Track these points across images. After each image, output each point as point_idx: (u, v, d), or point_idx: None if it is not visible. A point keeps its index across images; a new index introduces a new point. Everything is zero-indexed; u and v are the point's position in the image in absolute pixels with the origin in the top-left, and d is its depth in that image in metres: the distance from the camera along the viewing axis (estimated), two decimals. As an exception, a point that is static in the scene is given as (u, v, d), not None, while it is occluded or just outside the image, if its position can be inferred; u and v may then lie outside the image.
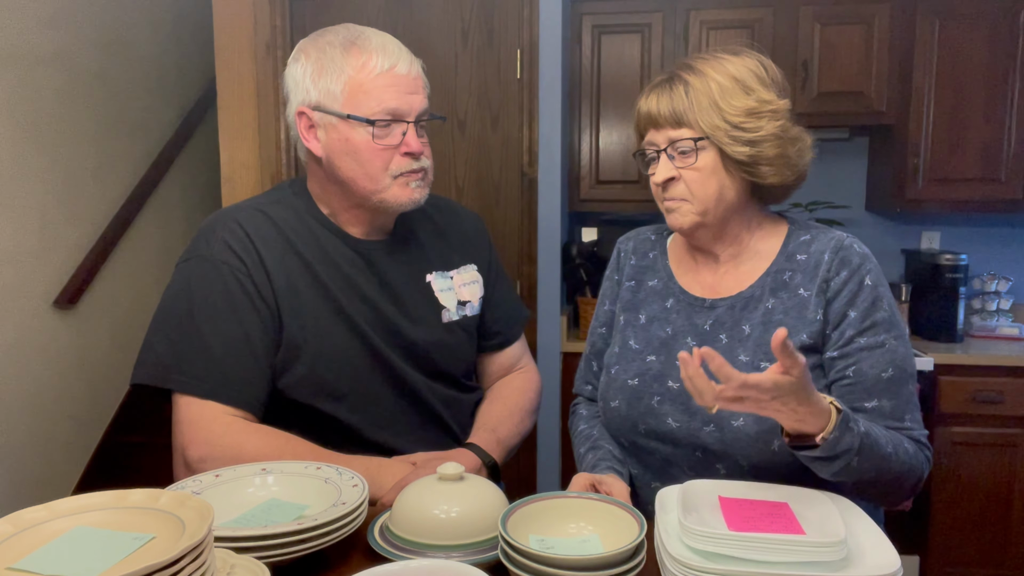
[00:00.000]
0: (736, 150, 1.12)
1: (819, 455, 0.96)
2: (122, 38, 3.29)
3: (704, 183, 1.15)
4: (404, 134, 1.21)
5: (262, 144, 2.83)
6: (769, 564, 0.83)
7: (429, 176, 1.27)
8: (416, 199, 1.25)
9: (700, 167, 1.14)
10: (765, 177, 1.15)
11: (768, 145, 1.13)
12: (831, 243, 1.17)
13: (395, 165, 1.22)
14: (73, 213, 3.02)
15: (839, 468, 0.98)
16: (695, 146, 1.14)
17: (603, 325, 1.37)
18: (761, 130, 1.12)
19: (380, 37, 1.23)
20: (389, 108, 1.19)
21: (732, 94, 1.13)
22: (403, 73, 1.21)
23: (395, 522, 0.98)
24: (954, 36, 2.77)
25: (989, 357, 2.69)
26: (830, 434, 0.94)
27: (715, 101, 1.12)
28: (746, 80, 1.14)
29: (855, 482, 1.02)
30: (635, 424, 1.21)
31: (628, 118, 2.98)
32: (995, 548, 2.71)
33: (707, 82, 1.13)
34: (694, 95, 1.13)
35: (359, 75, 1.19)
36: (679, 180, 1.16)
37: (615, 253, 1.39)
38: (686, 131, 1.14)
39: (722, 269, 1.24)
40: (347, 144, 1.21)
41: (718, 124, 1.12)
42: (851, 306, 1.12)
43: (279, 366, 1.22)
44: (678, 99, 1.14)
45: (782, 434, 1.00)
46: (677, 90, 1.15)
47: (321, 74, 1.21)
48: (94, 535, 0.74)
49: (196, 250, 1.24)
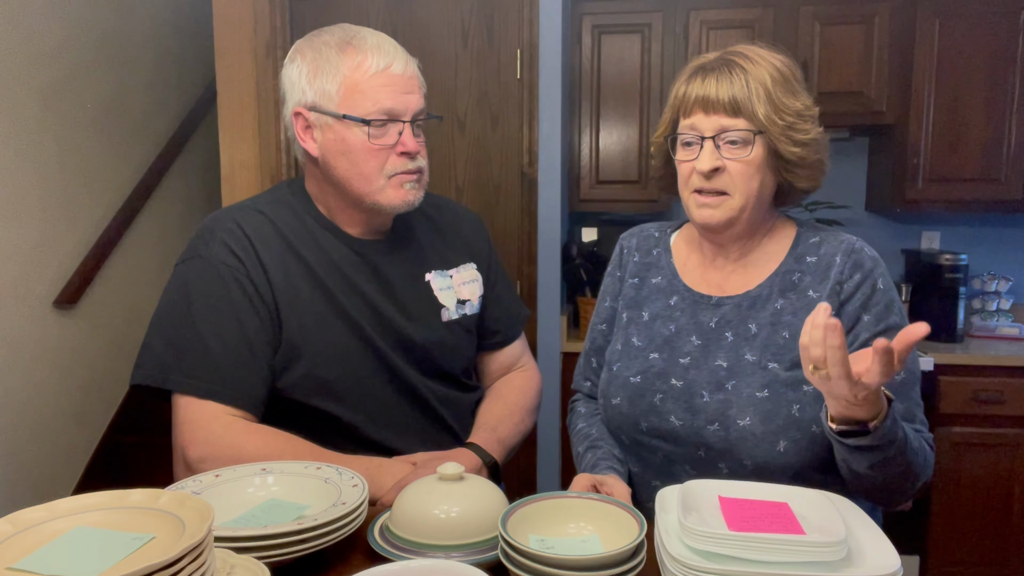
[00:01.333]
0: (789, 149, 1.11)
1: (869, 443, 0.96)
2: (122, 38, 3.29)
3: (750, 177, 1.12)
4: (400, 134, 1.21)
5: (262, 144, 2.83)
6: (769, 564, 0.83)
7: (425, 177, 1.27)
8: (410, 200, 1.25)
9: (751, 160, 1.11)
10: (800, 180, 1.15)
11: (811, 149, 1.13)
12: (842, 246, 1.17)
13: (390, 165, 1.22)
14: (73, 213, 3.02)
15: (879, 459, 0.98)
16: (752, 138, 1.11)
17: (603, 322, 1.37)
18: (808, 133, 1.13)
19: (376, 37, 1.22)
20: (385, 108, 1.19)
21: (783, 91, 1.12)
22: (399, 73, 1.20)
23: (395, 522, 0.98)
24: (954, 36, 2.77)
25: (989, 357, 2.69)
26: (882, 422, 0.94)
27: (772, 95, 1.10)
28: (790, 80, 1.13)
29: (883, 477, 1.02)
30: (637, 422, 1.21)
31: (628, 118, 2.99)
32: (995, 548, 2.71)
33: (763, 72, 1.11)
34: (754, 84, 1.10)
35: (354, 75, 1.19)
36: (723, 171, 1.12)
37: (617, 250, 1.38)
38: (742, 121, 1.10)
39: (730, 267, 1.24)
40: (342, 144, 1.21)
41: (775, 120, 1.10)
42: (865, 310, 1.13)
43: (278, 366, 1.22)
44: (739, 86, 1.10)
45: (827, 419, 0.99)
46: (737, 76, 1.10)
47: (317, 74, 1.21)
48: (94, 535, 0.74)
49: (195, 251, 1.24)
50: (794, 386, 1.12)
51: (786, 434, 1.10)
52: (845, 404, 0.94)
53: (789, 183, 1.17)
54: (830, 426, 0.99)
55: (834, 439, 1.00)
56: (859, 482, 1.05)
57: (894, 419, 0.96)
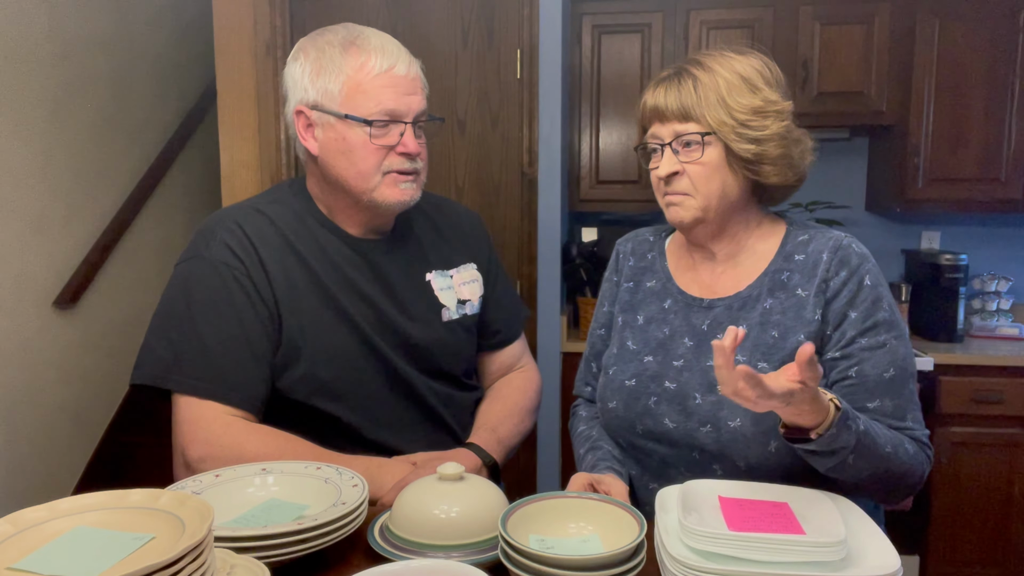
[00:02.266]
0: (742, 147, 1.13)
1: (814, 449, 0.97)
2: (122, 38, 3.29)
3: (708, 178, 1.15)
4: (401, 135, 1.21)
5: (262, 144, 2.83)
6: (769, 564, 0.83)
7: (422, 177, 1.27)
8: (405, 200, 1.25)
9: (705, 162, 1.14)
10: (768, 176, 1.16)
11: (773, 145, 1.14)
12: (829, 243, 1.17)
13: (387, 163, 1.22)
14: (73, 213, 3.02)
15: (834, 464, 0.99)
16: (702, 140, 1.14)
17: (602, 327, 1.37)
18: (767, 129, 1.13)
19: (379, 37, 1.23)
20: (387, 109, 1.19)
21: (739, 92, 1.13)
22: (402, 74, 1.21)
23: (395, 522, 0.98)
24: (954, 36, 2.77)
25: (989, 357, 2.69)
26: (826, 431, 0.95)
27: (723, 97, 1.13)
28: (752, 79, 1.15)
29: (852, 479, 1.03)
30: (632, 425, 1.21)
31: (628, 118, 2.99)
32: (995, 548, 2.71)
33: (715, 78, 1.14)
34: (702, 90, 1.13)
35: (358, 75, 1.19)
36: (683, 174, 1.16)
37: (614, 255, 1.39)
38: (693, 125, 1.14)
39: (719, 268, 1.24)
40: (343, 143, 1.21)
41: (725, 120, 1.12)
42: (851, 307, 1.12)
43: (279, 366, 1.22)
44: (686, 93, 1.14)
45: (780, 425, 1.00)
46: (685, 84, 1.15)
47: (320, 73, 1.21)
48: (94, 535, 0.74)
49: (195, 251, 1.24)
50: None
51: (777, 435, 1.10)
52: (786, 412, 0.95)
53: (761, 180, 1.17)
54: (780, 430, 1.00)
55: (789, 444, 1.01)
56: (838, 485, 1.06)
57: (843, 427, 0.96)
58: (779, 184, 1.17)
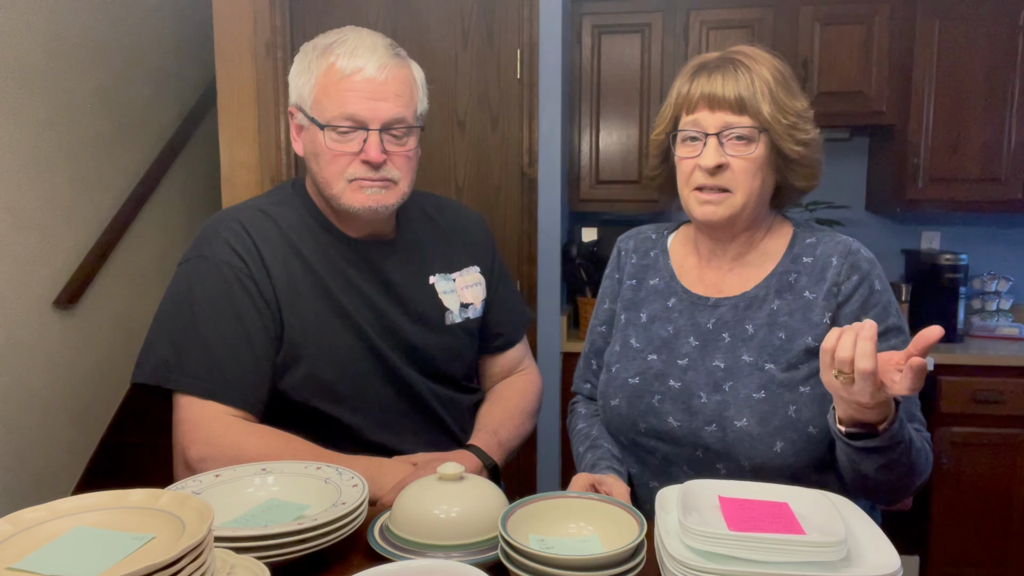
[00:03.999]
0: (791, 147, 1.13)
1: (877, 445, 0.97)
2: (122, 38, 3.29)
3: (753, 174, 1.13)
4: (364, 142, 1.19)
5: (262, 144, 2.83)
6: (769, 564, 0.83)
7: (401, 186, 1.23)
8: (371, 206, 1.21)
9: (754, 157, 1.12)
10: (797, 179, 1.17)
11: (812, 149, 1.15)
12: (839, 247, 1.17)
13: (351, 170, 1.20)
14: (73, 213, 3.02)
15: (887, 460, 0.99)
16: (757, 135, 1.12)
17: (603, 324, 1.37)
18: (809, 133, 1.14)
19: (358, 40, 1.19)
20: (348, 114, 1.17)
21: (786, 92, 1.13)
22: (369, 78, 1.17)
23: (395, 522, 0.98)
24: (954, 36, 2.77)
25: (989, 357, 2.69)
26: (891, 424, 0.95)
27: (775, 94, 1.12)
28: (790, 81, 1.15)
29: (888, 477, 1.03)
30: (635, 423, 1.21)
31: (628, 118, 2.98)
32: (995, 548, 2.71)
33: (766, 73, 1.12)
34: (759, 84, 1.11)
35: (324, 78, 1.19)
36: (727, 168, 1.13)
37: (615, 252, 1.39)
38: (747, 119, 1.11)
39: (726, 267, 1.24)
40: (312, 146, 1.22)
41: (779, 118, 1.12)
42: (863, 311, 1.13)
43: (280, 367, 1.22)
44: (744, 84, 1.11)
45: (835, 422, 1.00)
46: (742, 75, 1.12)
47: (299, 75, 1.23)
48: (94, 535, 0.74)
49: (198, 250, 1.24)
50: (791, 387, 1.12)
51: (783, 435, 1.10)
52: (856, 407, 0.95)
53: (787, 182, 1.18)
54: (839, 428, 1.00)
55: (843, 441, 1.00)
56: (863, 482, 1.05)
57: (901, 421, 0.97)
58: (803, 188, 1.19)
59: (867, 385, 0.88)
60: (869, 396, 0.90)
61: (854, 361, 0.88)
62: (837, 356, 0.89)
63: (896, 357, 0.87)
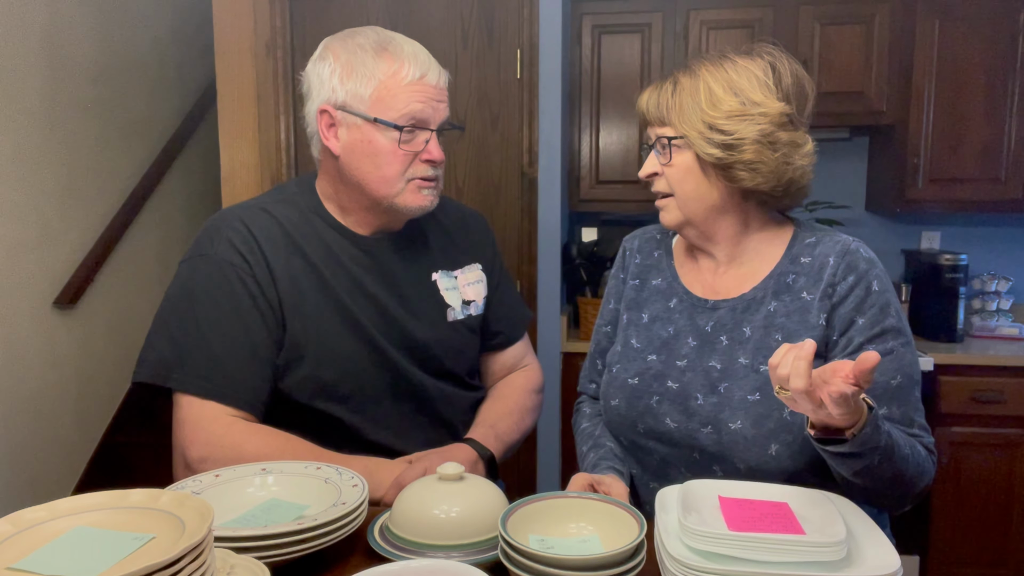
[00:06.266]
0: (707, 151, 1.13)
1: (846, 451, 0.95)
2: (122, 38, 3.29)
3: (680, 181, 1.18)
4: (427, 142, 1.23)
5: (262, 144, 2.83)
6: (769, 564, 0.83)
7: (440, 185, 1.29)
8: (426, 206, 1.27)
9: (675, 165, 1.17)
10: (741, 181, 1.13)
11: (745, 149, 1.11)
12: (836, 247, 1.15)
13: (412, 170, 1.23)
14: (73, 213, 3.02)
15: (861, 467, 0.97)
16: (670, 144, 1.16)
17: (608, 324, 1.37)
18: (738, 133, 1.11)
19: (411, 45, 1.24)
20: (416, 116, 1.21)
21: (719, 96, 1.13)
22: (432, 83, 1.23)
23: (395, 522, 0.98)
24: (954, 36, 2.77)
25: (989, 357, 2.69)
26: (861, 430, 0.93)
27: (698, 102, 1.14)
28: (739, 83, 1.13)
29: (870, 484, 1.01)
30: (634, 423, 1.21)
31: (628, 118, 2.99)
32: (995, 548, 2.71)
33: (697, 83, 1.15)
34: (679, 96, 1.16)
35: (390, 81, 1.20)
36: (660, 176, 1.20)
37: (620, 251, 1.39)
38: (667, 129, 1.17)
39: (721, 270, 1.24)
40: (369, 146, 1.21)
41: (694, 125, 1.14)
42: (859, 312, 1.11)
43: (282, 367, 1.23)
44: (664, 98, 1.17)
45: (808, 426, 0.98)
46: (666, 89, 1.18)
47: (350, 75, 1.21)
48: (94, 535, 0.74)
49: (200, 249, 1.24)
50: None
51: (777, 437, 1.10)
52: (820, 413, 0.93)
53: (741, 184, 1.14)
54: (809, 432, 0.99)
55: (815, 445, 1.00)
56: (850, 487, 1.04)
57: (876, 427, 0.94)
58: (754, 188, 1.14)
59: (805, 402, 0.89)
60: (811, 412, 0.91)
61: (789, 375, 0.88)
62: (777, 373, 0.90)
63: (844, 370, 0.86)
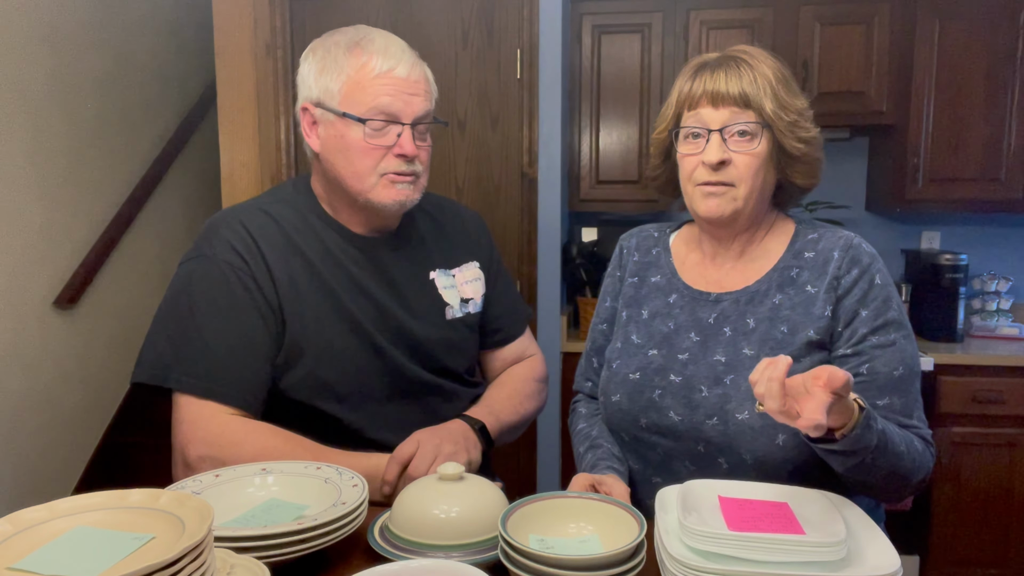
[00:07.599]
0: (793, 144, 1.14)
1: (838, 449, 0.96)
2: (122, 38, 3.29)
3: (756, 170, 1.14)
4: (399, 136, 1.21)
5: (262, 144, 2.83)
6: (769, 564, 0.83)
7: (422, 180, 1.27)
8: (401, 200, 1.24)
9: (757, 153, 1.14)
10: (797, 177, 1.18)
11: (813, 147, 1.16)
12: (840, 241, 1.18)
13: (384, 164, 1.22)
14: (73, 213, 3.02)
15: (854, 464, 0.99)
16: (760, 130, 1.13)
17: (604, 322, 1.37)
18: (810, 131, 1.16)
19: (385, 39, 1.23)
20: (384, 109, 1.20)
21: (786, 90, 1.15)
22: (402, 76, 1.21)
23: (395, 522, 0.98)
24: (954, 36, 2.77)
25: (989, 357, 2.69)
26: (851, 431, 0.94)
27: (777, 92, 1.13)
28: (790, 81, 1.17)
29: (867, 478, 1.02)
30: (636, 418, 1.21)
31: (628, 118, 2.99)
32: (995, 548, 2.71)
33: (767, 71, 1.14)
34: (761, 81, 1.13)
35: (357, 75, 1.20)
36: (730, 164, 1.14)
37: (617, 250, 1.39)
38: (751, 114, 1.13)
39: (728, 265, 1.25)
40: (341, 141, 1.22)
41: (781, 115, 1.13)
42: (862, 304, 1.13)
43: (281, 366, 1.23)
44: (747, 81, 1.13)
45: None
46: (744, 71, 1.14)
47: (323, 72, 1.22)
48: (94, 535, 0.74)
49: (199, 249, 1.24)
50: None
51: (785, 427, 1.10)
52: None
53: (788, 180, 1.19)
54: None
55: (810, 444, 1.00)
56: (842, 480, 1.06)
57: (867, 427, 0.95)
58: (804, 186, 1.20)
59: (782, 418, 0.89)
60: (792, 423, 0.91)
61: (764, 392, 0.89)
62: (756, 391, 0.91)
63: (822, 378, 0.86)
